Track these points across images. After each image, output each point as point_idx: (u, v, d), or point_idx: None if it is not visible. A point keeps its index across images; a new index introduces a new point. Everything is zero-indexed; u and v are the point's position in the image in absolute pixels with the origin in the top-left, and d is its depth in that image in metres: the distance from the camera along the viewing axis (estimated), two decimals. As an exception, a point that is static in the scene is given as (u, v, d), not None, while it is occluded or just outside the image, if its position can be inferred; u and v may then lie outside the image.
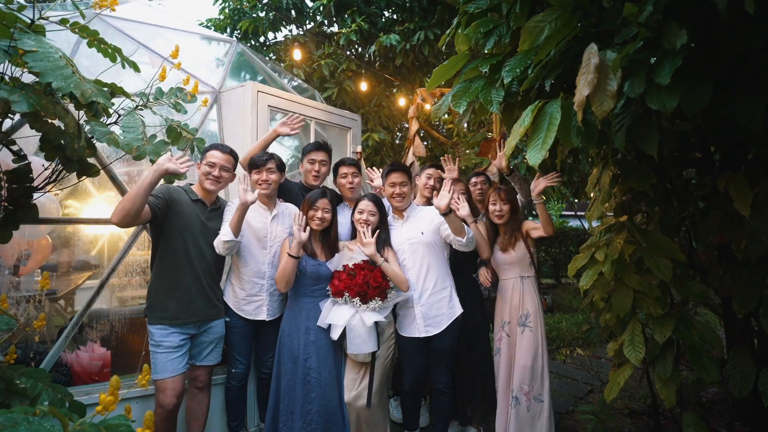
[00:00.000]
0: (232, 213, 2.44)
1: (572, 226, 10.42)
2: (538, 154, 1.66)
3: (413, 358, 2.61)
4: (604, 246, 2.13)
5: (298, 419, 2.35)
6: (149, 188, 2.09)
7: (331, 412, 2.41)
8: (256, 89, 2.92)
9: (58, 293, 3.20)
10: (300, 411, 2.36)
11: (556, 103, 1.69)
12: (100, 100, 2.03)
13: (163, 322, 2.24)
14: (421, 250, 2.59)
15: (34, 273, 3.23)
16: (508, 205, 2.72)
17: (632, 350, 2.04)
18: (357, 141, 3.73)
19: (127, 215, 2.04)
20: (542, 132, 1.69)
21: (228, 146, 2.50)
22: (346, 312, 2.42)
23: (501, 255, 2.73)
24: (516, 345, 2.64)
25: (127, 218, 2.05)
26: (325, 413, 2.39)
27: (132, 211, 2.04)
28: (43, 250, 3.15)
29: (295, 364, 2.41)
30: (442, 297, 2.57)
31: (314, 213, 2.49)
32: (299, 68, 6.67)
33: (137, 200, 2.05)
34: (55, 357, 2.37)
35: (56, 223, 2.65)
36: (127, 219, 2.05)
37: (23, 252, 3.05)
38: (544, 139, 1.67)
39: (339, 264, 2.52)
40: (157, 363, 2.22)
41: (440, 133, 8.28)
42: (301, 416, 2.36)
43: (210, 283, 2.41)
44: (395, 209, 2.71)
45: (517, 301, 2.67)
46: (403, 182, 2.63)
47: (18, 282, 3.04)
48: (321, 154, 2.84)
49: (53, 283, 3.31)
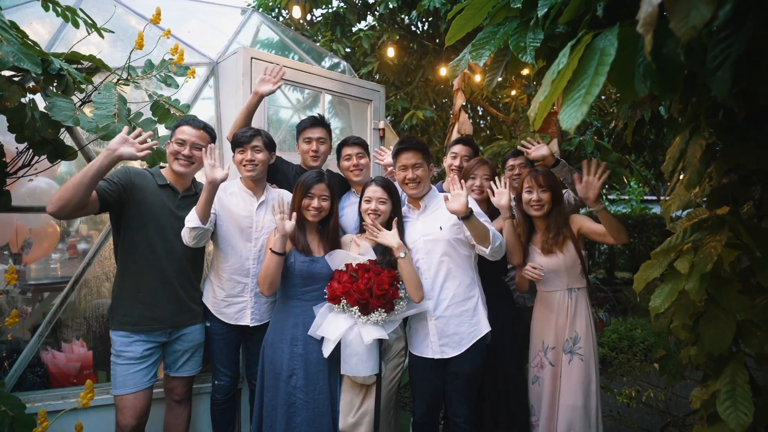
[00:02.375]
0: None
1: (655, 213, 9.06)
2: (576, 111, 1.06)
3: (425, 382, 2.09)
4: (690, 251, 1.44)
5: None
6: (96, 176, 1.75)
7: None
8: (249, 55, 2.51)
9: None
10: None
11: (611, 33, 1.06)
12: (26, 66, 1.72)
13: (124, 328, 1.94)
14: (438, 249, 2.04)
15: (47, 261, 3.16)
16: (548, 193, 2.07)
17: (733, 409, 1.36)
18: (380, 115, 3.20)
19: (65, 206, 1.72)
20: (586, 78, 1.07)
21: (201, 121, 2.12)
22: (343, 323, 1.96)
23: (542, 259, 2.10)
24: (562, 378, 2.01)
25: (65, 209, 1.73)
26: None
27: (71, 201, 1.72)
28: (50, 238, 3.04)
29: (278, 380, 2.00)
30: (463, 310, 2.01)
31: (309, 201, 2.03)
32: (339, 43, 6.22)
33: (80, 189, 1.72)
34: (28, 357, 2.18)
35: (28, 211, 2.43)
36: (66, 210, 1.73)
37: (26, 240, 2.95)
38: (588, 88, 1.06)
39: (342, 262, 2.05)
40: (117, 376, 1.92)
41: (498, 109, 7.45)
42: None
43: (183, 283, 2.06)
44: (410, 198, 2.17)
45: (564, 320, 2.03)
46: (416, 164, 2.06)
47: (19, 271, 2.95)
48: (318, 130, 2.38)
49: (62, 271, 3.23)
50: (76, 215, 1.84)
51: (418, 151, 2.07)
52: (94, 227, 3.07)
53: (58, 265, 3.20)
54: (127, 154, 1.79)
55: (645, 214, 9.06)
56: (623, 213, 9.40)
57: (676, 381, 2.13)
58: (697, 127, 1.33)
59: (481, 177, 2.28)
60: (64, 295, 2.26)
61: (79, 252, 3.14)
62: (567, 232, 2.06)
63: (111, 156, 1.76)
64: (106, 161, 1.76)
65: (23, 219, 2.86)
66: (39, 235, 2.97)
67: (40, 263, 3.14)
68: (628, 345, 4.24)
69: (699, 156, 1.29)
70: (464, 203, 1.86)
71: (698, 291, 1.37)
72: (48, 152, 2.15)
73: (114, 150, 1.77)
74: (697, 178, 1.31)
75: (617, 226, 1.95)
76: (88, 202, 1.78)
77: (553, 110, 5.05)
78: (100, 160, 1.75)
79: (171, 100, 2.45)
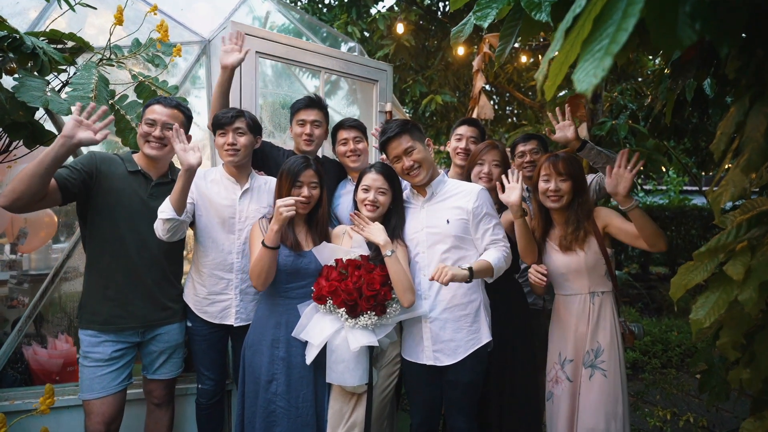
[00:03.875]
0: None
1: (696, 204, 8.42)
2: (596, 67, 0.78)
3: (420, 391, 1.86)
4: (745, 252, 1.14)
5: None
6: (52, 166, 1.57)
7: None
8: (238, 30, 2.29)
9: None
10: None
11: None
12: None
13: (92, 327, 1.79)
14: (442, 244, 1.78)
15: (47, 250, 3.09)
16: (569, 182, 1.78)
17: (797, 454, 1.07)
18: (386, 97, 2.95)
19: (19, 198, 1.54)
20: (612, 24, 0.79)
21: (175, 99, 1.93)
22: (329, 326, 1.75)
23: (560, 257, 1.81)
24: (581, 395, 1.74)
25: (19, 201, 1.55)
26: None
27: (26, 193, 1.54)
28: (48, 227, 2.96)
29: (257, 386, 1.81)
30: (462, 315, 1.76)
31: (298, 191, 1.82)
32: (356, 26, 5.96)
33: (34, 180, 1.54)
34: (8, 353, 2.08)
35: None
36: (20, 203, 1.56)
37: (21, 230, 2.87)
38: (614, 35, 0.78)
39: (331, 257, 1.84)
40: (84, 379, 1.77)
41: (524, 93, 7.03)
42: None
43: (157, 278, 1.89)
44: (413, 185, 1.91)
45: (585, 329, 1.75)
46: (407, 149, 1.77)
47: (13, 261, 2.89)
48: (313, 112, 2.16)
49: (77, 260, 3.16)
50: (34, 208, 1.66)
51: (404, 134, 1.78)
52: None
53: (59, 255, 3.13)
54: (86, 139, 1.59)
55: (684, 205, 8.44)
56: (660, 204, 8.79)
57: (720, 401, 1.81)
58: (762, 92, 1.02)
59: (490, 163, 2.00)
60: (44, 288, 2.14)
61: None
62: (589, 227, 1.76)
63: (68, 144, 1.57)
64: (62, 150, 1.56)
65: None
66: (35, 224, 2.89)
67: (40, 253, 3.07)
68: (662, 349, 3.85)
69: (763, 130, 0.99)
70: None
71: (756, 303, 1.08)
72: (24, 137, 2.02)
73: (71, 137, 1.57)
74: (760, 159, 1.00)
75: (653, 230, 1.65)
76: (46, 194, 1.61)
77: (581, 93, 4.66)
78: (55, 149, 1.56)
79: (158, 81, 2.29)
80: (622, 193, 1.66)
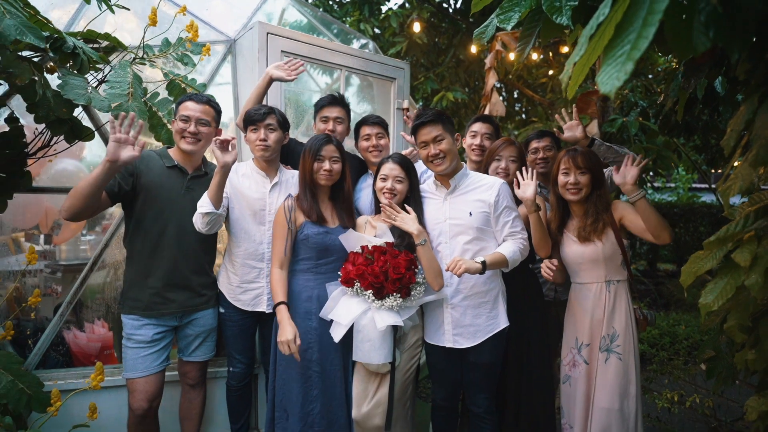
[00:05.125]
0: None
1: (704, 201, 8.43)
2: (619, 70, 0.88)
3: (442, 371, 1.98)
4: (752, 241, 1.23)
5: (295, 421, 1.90)
6: (102, 185, 1.73)
7: (334, 416, 1.94)
8: (265, 31, 2.40)
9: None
10: (299, 412, 1.91)
11: (666, -24, 0.86)
12: (29, 40, 1.68)
13: (134, 312, 1.91)
14: (464, 236, 1.88)
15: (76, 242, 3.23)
16: (588, 176, 1.86)
17: (798, 426, 1.17)
18: (404, 94, 3.04)
19: (77, 213, 1.75)
20: (632, 31, 0.89)
21: (206, 95, 2.04)
22: (356, 307, 1.85)
23: (577, 248, 1.90)
24: (597, 378, 1.83)
25: (77, 215, 1.76)
26: (328, 414, 1.93)
27: (82, 208, 1.74)
28: (78, 220, 3.10)
29: (290, 355, 1.93)
30: (482, 302, 1.86)
31: (320, 165, 1.94)
32: (368, 23, 6.04)
33: (88, 198, 1.72)
34: (50, 336, 2.21)
35: (55, 192, 2.45)
36: (79, 216, 1.78)
37: (56, 222, 3.01)
38: (635, 42, 0.88)
39: (357, 244, 1.94)
40: (128, 359, 1.90)
41: (534, 90, 7.08)
42: (301, 418, 1.90)
43: (195, 268, 2.01)
44: (438, 175, 1.99)
45: (601, 315, 1.84)
46: (437, 137, 1.86)
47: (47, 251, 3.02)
48: (336, 109, 2.26)
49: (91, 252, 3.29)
50: (91, 216, 1.88)
51: (437, 123, 1.87)
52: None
53: (88, 247, 3.26)
54: (128, 159, 1.72)
55: (693, 202, 8.46)
56: (669, 201, 8.82)
57: (726, 386, 1.91)
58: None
59: (507, 159, 2.10)
60: (83, 276, 2.27)
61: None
62: (608, 219, 1.85)
63: (113, 168, 1.71)
64: (109, 172, 1.71)
65: (53, 200, 2.91)
66: (67, 216, 3.02)
67: (69, 244, 3.21)
68: (670, 342, 3.94)
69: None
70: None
71: (762, 287, 1.17)
72: (65, 132, 2.13)
73: (115, 161, 1.69)
74: (766, 155, 1.10)
75: (657, 221, 1.74)
76: (99, 206, 1.81)
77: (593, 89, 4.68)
78: (104, 171, 1.69)
79: (187, 79, 2.40)
80: (629, 182, 1.78)
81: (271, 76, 2.14)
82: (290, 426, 1.89)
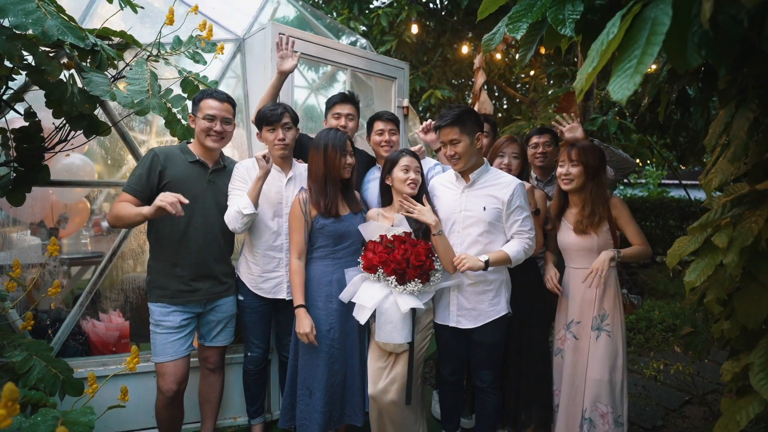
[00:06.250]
0: (242, 181, 2.10)
1: (673, 196, 8.92)
2: (628, 81, 1.06)
3: (450, 348, 2.16)
4: (729, 226, 1.44)
5: (320, 397, 2.05)
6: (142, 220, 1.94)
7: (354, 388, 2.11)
8: (278, 31, 2.50)
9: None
10: (325, 386, 2.05)
11: (663, 2, 1.06)
12: (70, 40, 1.75)
13: (162, 300, 2.00)
14: (476, 228, 2.02)
15: (78, 236, 3.25)
16: (578, 168, 2.04)
17: (766, 381, 1.39)
18: (404, 93, 3.19)
19: (118, 225, 2.02)
20: (637, 47, 1.07)
21: (223, 92, 2.13)
22: (378, 292, 1.98)
23: (574, 238, 2.09)
24: (589, 354, 2.04)
25: (118, 226, 2.04)
26: (348, 386, 2.12)
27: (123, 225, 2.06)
28: (82, 213, 3.12)
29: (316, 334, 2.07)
30: (486, 290, 2.04)
31: (345, 160, 2.07)
32: (357, 21, 6.15)
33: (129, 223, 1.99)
34: (70, 326, 2.28)
35: (65, 185, 2.50)
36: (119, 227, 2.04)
37: (62, 215, 3.03)
38: (641, 58, 1.05)
39: (375, 233, 2.07)
40: (157, 345, 2.00)
41: (515, 89, 7.34)
42: (326, 392, 2.05)
43: (218, 257, 2.12)
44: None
45: (592, 296, 2.05)
46: (453, 140, 1.98)
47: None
48: (348, 106, 2.39)
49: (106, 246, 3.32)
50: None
51: (455, 126, 1.97)
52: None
53: (89, 241, 3.29)
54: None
55: (663, 197, 8.93)
56: (641, 196, 9.28)
57: (702, 357, 2.15)
58: (744, 100, 1.32)
59: (509, 155, 2.28)
60: (102, 267, 2.33)
61: (103, 229, 3.22)
62: (604, 212, 2.03)
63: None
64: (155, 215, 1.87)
65: (58, 194, 2.93)
66: (72, 210, 3.05)
67: (71, 239, 3.23)
68: (646, 326, 4.26)
69: (746, 129, 1.28)
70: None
71: (737, 265, 1.38)
72: (84, 127, 2.20)
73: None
74: (743, 152, 1.30)
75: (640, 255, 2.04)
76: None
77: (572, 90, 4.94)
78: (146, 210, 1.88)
79: (199, 76, 2.48)
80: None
81: (285, 71, 2.26)
82: (314, 402, 2.03)
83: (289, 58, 2.25)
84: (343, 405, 2.11)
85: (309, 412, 2.05)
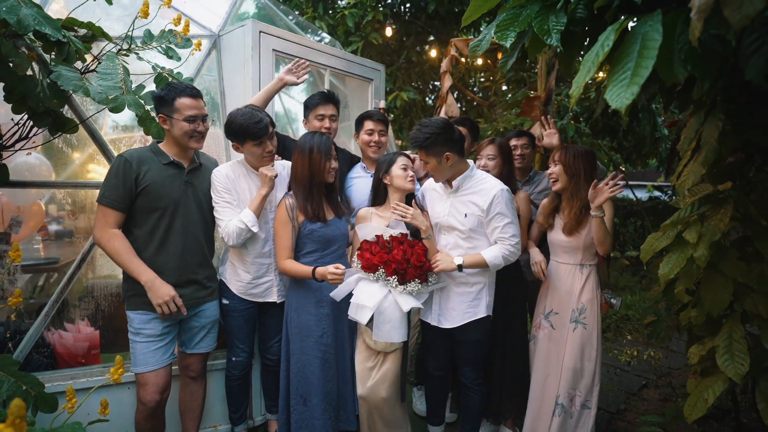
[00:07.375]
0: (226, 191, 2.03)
1: (618, 197, 9.54)
2: (625, 91, 1.16)
3: (435, 344, 2.23)
4: (697, 223, 1.60)
5: (317, 404, 2.04)
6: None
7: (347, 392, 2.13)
8: (258, 29, 2.45)
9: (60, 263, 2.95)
10: (321, 392, 2.04)
11: (652, 20, 1.17)
12: (47, 31, 1.64)
13: (143, 308, 1.90)
14: (458, 232, 2.08)
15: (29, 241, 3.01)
16: (560, 167, 2.16)
17: (730, 361, 1.55)
18: (380, 95, 3.22)
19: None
20: (630, 60, 1.17)
21: (192, 86, 2.01)
22: (378, 292, 1.99)
23: (561, 237, 2.20)
24: (567, 344, 2.18)
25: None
26: (342, 391, 2.13)
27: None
28: (36, 216, 2.89)
29: (307, 340, 2.05)
30: (466, 292, 2.11)
31: (330, 164, 2.07)
32: (322, 20, 6.10)
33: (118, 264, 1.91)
34: (34, 338, 2.11)
35: (22, 186, 2.32)
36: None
37: (14, 218, 2.80)
38: (635, 70, 1.16)
39: (372, 234, 2.08)
40: (137, 354, 1.89)
41: (474, 93, 7.58)
42: (323, 398, 2.04)
43: (200, 260, 2.04)
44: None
45: (573, 290, 2.18)
46: (423, 160, 2.06)
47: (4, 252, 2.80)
48: (330, 107, 2.38)
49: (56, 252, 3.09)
50: None
51: (421, 149, 2.00)
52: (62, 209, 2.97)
53: (41, 246, 3.06)
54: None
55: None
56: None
57: (665, 342, 2.35)
58: (713, 109, 1.47)
59: (486, 157, 2.33)
60: (70, 274, 2.18)
61: (50, 234, 3.02)
62: (585, 215, 2.13)
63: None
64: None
65: (10, 196, 2.71)
66: (26, 213, 2.82)
67: (22, 244, 2.99)
68: (603, 316, 4.56)
69: (716, 135, 1.43)
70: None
71: (706, 258, 1.53)
72: (49, 124, 2.05)
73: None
74: (713, 155, 1.45)
75: (602, 237, 2.05)
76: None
77: (535, 95, 5.17)
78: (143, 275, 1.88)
79: (173, 72, 2.38)
80: (596, 204, 2.02)
81: (285, 82, 2.23)
82: (310, 409, 2.02)
83: (294, 76, 2.25)
84: (338, 410, 2.11)
85: (305, 420, 2.04)
